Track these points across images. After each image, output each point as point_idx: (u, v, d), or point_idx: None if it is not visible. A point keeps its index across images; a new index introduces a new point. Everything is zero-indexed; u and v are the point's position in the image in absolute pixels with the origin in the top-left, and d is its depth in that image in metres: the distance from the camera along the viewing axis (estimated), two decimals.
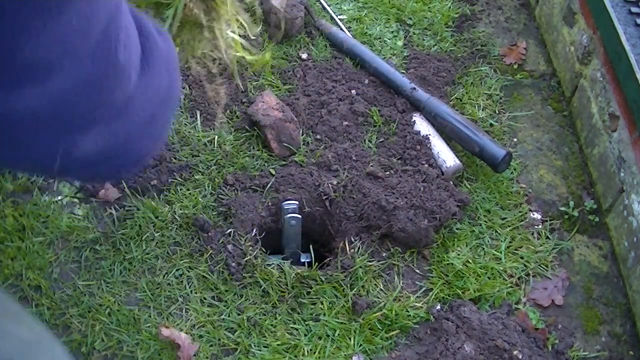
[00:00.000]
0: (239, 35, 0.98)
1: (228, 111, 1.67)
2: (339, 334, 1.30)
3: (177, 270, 1.37)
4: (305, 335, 1.29)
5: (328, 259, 1.49)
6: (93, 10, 0.54)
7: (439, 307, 1.36)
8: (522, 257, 1.47)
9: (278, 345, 1.27)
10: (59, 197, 1.47)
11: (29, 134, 0.57)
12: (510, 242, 1.49)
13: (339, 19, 1.99)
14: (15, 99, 0.53)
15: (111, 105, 0.60)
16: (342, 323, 1.32)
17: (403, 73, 1.78)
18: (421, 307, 1.36)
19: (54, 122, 0.57)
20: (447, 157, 1.58)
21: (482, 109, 1.78)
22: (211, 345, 1.27)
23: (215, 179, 1.52)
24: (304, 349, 1.26)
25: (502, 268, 1.43)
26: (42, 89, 0.54)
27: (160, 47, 0.65)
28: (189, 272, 1.37)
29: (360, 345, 1.29)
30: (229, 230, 1.42)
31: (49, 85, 0.54)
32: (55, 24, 0.51)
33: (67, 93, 0.55)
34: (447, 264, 1.43)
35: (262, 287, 1.35)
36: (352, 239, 1.45)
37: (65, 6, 0.51)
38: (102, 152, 0.61)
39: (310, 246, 1.52)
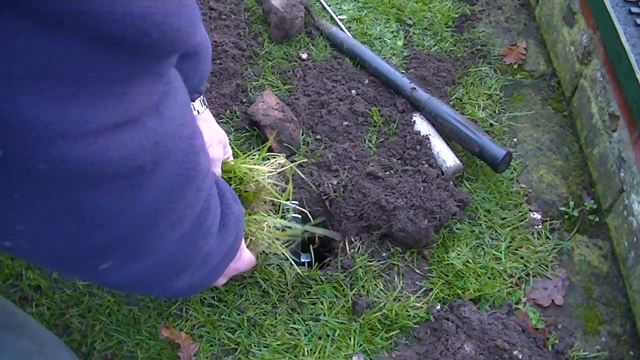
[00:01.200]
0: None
1: (228, 111, 1.67)
2: (339, 334, 1.30)
3: None
4: (305, 335, 1.29)
5: (328, 259, 1.49)
6: (201, 191, 0.67)
7: (439, 307, 1.36)
8: (522, 257, 1.47)
9: (278, 345, 1.27)
10: None
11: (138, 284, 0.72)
12: (510, 242, 1.49)
13: (339, 19, 1.99)
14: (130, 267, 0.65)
15: (198, 255, 0.74)
16: (342, 323, 1.32)
17: (403, 73, 1.78)
18: (421, 307, 1.36)
19: (157, 276, 0.70)
20: (447, 157, 1.58)
21: (482, 109, 1.78)
22: (211, 345, 1.27)
23: None
24: (304, 349, 1.26)
25: (502, 268, 1.43)
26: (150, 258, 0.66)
27: (234, 211, 0.82)
28: None
29: (360, 345, 1.29)
30: None
31: (157, 250, 0.66)
32: (177, 203, 0.63)
33: (170, 255, 0.68)
34: (447, 264, 1.43)
35: (262, 287, 1.35)
36: (352, 239, 1.45)
37: (186, 192, 0.64)
38: (187, 288, 0.77)
39: (310, 246, 1.52)
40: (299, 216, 1.45)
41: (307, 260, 1.50)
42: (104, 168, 0.49)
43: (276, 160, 1.19)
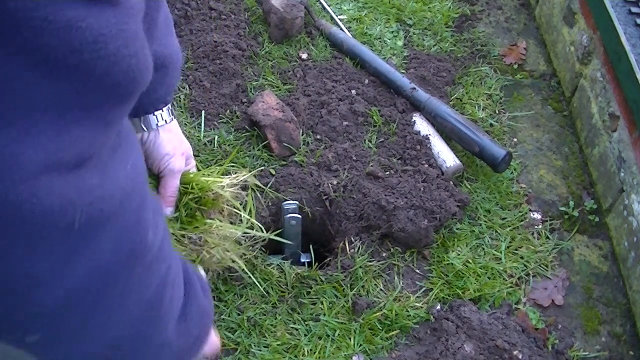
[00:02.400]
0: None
1: (228, 111, 1.67)
2: (339, 334, 1.30)
3: None
4: (305, 335, 1.29)
5: (328, 259, 1.49)
6: (151, 273, 0.58)
7: (439, 307, 1.36)
8: (522, 257, 1.47)
9: (278, 345, 1.27)
10: None
11: None
12: (510, 242, 1.49)
13: (339, 19, 1.99)
14: None
15: (148, 346, 0.63)
16: (342, 323, 1.32)
17: (403, 73, 1.78)
18: (421, 307, 1.36)
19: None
20: (447, 157, 1.58)
21: (482, 109, 1.78)
22: None
23: None
24: (304, 349, 1.26)
25: (502, 268, 1.43)
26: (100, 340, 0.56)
27: (201, 303, 0.69)
28: None
29: (360, 345, 1.29)
30: None
31: (98, 338, 0.56)
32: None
33: (114, 339, 0.57)
34: (447, 264, 1.43)
35: (262, 287, 1.35)
36: (352, 239, 1.45)
37: (130, 270, 0.55)
38: None
39: (310, 246, 1.52)
40: (299, 216, 1.45)
41: (307, 260, 1.50)
42: (32, 212, 0.42)
43: (237, 176, 1.17)
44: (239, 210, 1.15)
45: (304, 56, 1.86)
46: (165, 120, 1.03)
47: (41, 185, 0.42)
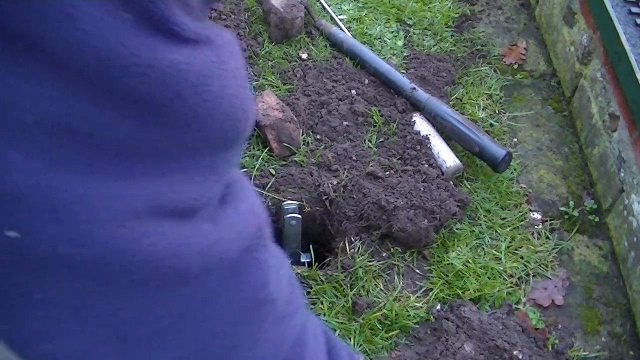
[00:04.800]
0: None
1: None
2: (339, 334, 1.30)
3: None
4: None
5: (328, 259, 1.49)
6: (284, 326, 0.51)
7: (439, 307, 1.36)
8: (522, 257, 1.47)
9: None
10: None
11: None
12: (510, 242, 1.49)
13: (339, 19, 1.99)
14: None
15: None
16: (342, 323, 1.32)
17: (403, 73, 1.78)
18: (421, 307, 1.36)
19: None
20: (447, 157, 1.58)
21: (482, 109, 1.78)
22: None
23: None
24: None
25: (502, 268, 1.43)
26: None
27: None
28: None
29: (360, 345, 1.29)
30: None
31: None
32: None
33: None
34: (447, 264, 1.43)
35: None
36: (352, 239, 1.45)
37: (255, 322, 0.49)
38: None
39: (310, 246, 1.52)
40: (299, 216, 1.45)
41: (307, 260, 1.50)
42: (137, 259, 0.39)
43: None
44: None
45: (304, 56, 1.86)
46: None
47: (153, 228, 0.40)
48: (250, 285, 0.48)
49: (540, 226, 1.54)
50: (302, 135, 1.63)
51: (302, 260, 1.52)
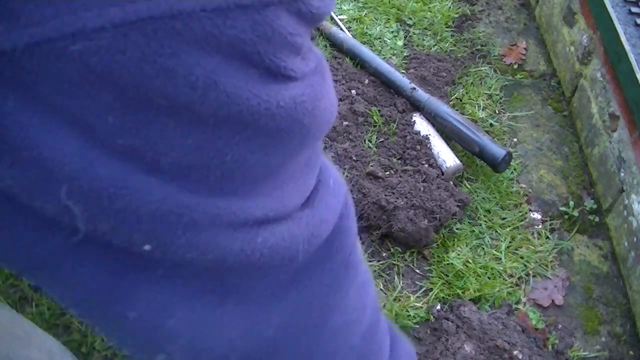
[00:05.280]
0: None
1: None
2: None
3: None
4: None
5: None
6: (364, 288, 0.59)
7: (439, 307, 1.36)
8: (522, 257, 1.47)
9: None
10: None
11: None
12: (510, 242, 1.49)
13: (339, 19, 1.99)
14: None
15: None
16: None
17: (403, 73, 1.78)
18: (421, 307, 1.36)
19: None
20: (447, 157, 1.58)
21: (482, 109, 1.78)
22: None
23: None
24: None
25: (502, 268, 1.43)
26: None
27: (404, 345, 0.69)
28: None
29: None
30: None
31: None
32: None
33: None
34: (447, 264, 1.43)
35: None
36: None
37: (348, 284, 0.57)
38: None
39: None
40: None
41: None
42: (251, 260, 0.47)
43: None
44: None
45: None
46: None
47: (264, 229, 0.46)
48: (340, 252, 0.56)
49: (540, 226, 1.54)
50: None
51: None
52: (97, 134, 0.37)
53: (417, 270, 1.43)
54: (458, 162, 1.58)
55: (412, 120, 1.68)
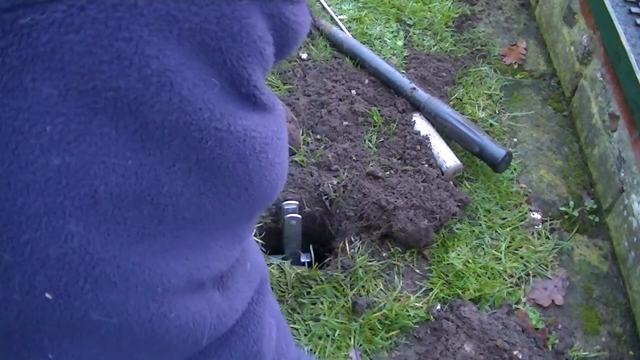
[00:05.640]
0: None
1: None
2: (339, 334, 1.29)
3: None
4: (305, 335, 1.29)
5: (328, 259, 1.49)
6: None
7: (439, 307, 1.36)
8: (522, 257, 1.47)
9: None
10: None
11: None
12: (510, 242, 1.49)
13: (339, 19, 1.99)
14: None
15: None
16: (342, 323, 1.32)
17: (403, 73, 1.78)
18: (421, 307, 1.36)
19: None
20: (447, 157, 1.58)
21: (482, 109, 1.78)
22: None
23: None
24: (304, 349, 1.26)
25: (502, 268, 1.43)
26: None
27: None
28: None
29: (361, 345, 1.29)
30: None
31: None
32: None
33: None
34: (447, 264, 1.43)
35: None
36: (352, 239, 1.45)
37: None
38: None
39: (310, 246, 1.52)
40: (299, 216, 1.45)
41: (307, 260, 1.50)
42: (156, 333, 0.42)
43: None
44: None
45: (304, 56, 1.86)
46: None
47: (179, 302, 0.41)
48: (243, 340, 0.51)
49: (540, 226, 1.54)
50: (302, 135, 1.63)
51: (302, 260, 1.52)
52: (28, 146, 0.32)
53: (417, 270, 1.43)
54: (458, 162, 1.58)
55: (412, 120, 1.68)
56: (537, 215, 1.56)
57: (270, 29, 0.38)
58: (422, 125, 1.66)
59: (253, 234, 0.98)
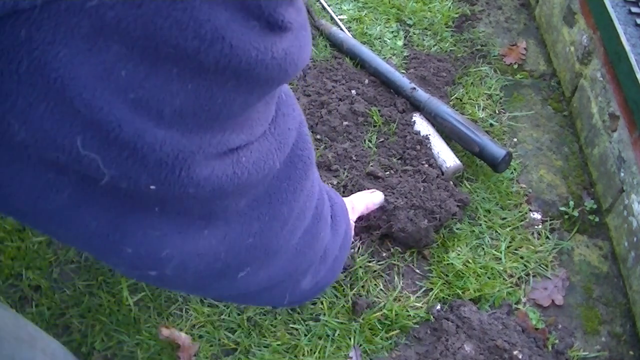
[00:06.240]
0: None
1: None
2: (339, 334, 1.30)
3: None
4: (305, 335, 1.29)
5: None
6: (314, 181, 0.71)
7: (439, 307, 1.36)
8: (522, 257, 1.47)
9: (278, 345, 1.27)
10: None
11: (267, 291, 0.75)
12: (510, 242, 1.49)
13: (339, 19, 1.99)
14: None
15: (320, 249, 0.77)
16: (342, 323, 1.32)
17: (403, 73, 1.78)
18: (421, 307, 1.36)
19: (287, 276, 0.73)
20: (447, 157, 1.58)
21: (482, 109, 1.78)
22: (211, 345, 1.27)
23: None
24: (304, 349, 1.26)
25: (502, 268, 1.43)
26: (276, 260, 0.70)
27: (337, 201, 0.85)
28: None
29: (361, 345, 1.29)
30: None
31: (291, 240, 0.71)
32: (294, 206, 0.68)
33: (297, 252, 0.71)
34: (447, 264, 1.43)
35: None
36: (352, 239, 1.45)
37: (305, 182, 0.68)
38: (313, 288, 0.80)
39: None
40: None
41: None
42: (242, 179, 0.53)
43: None
44: None
45: None
46: None
47: (244, 154, 0.54)
48: (302, 153, 0.68)
49: (540, 226, 1.54)
50: None
51: None
52: (111, 88, 0.40)
53: (417, 270, 1.43)
54: (458, 162, 1.58)
55: (412, 120, 1.67)
56: (537, 215, 1.56)
57: None
58: (422, 125, 1.66)
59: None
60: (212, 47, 0.42)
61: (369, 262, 1.41)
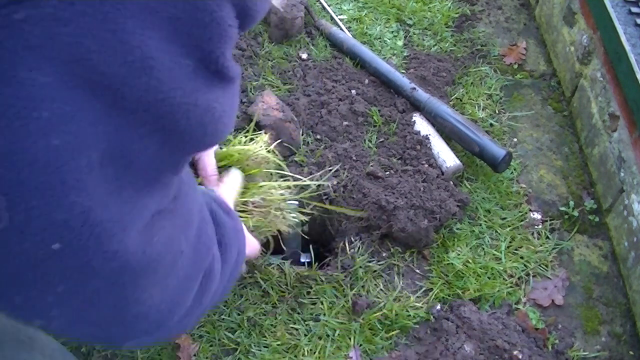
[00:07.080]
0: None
1: None
2: (339, 334, 1.29)
3: None
4: (305, 335, 1.29)
5: (328, 259, 1.49)
6: (189, 218, 0.64)
7: (439, 307, 1.36)
8: (522, 257, 1.47)
9: (278, 345, 1.27)
10: None
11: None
12: (510, 242, 1.49)
13: (339, 19, 1.99)
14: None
15: (204, 304, 0.68)
16: (342, 323, 1.32)
17: (403, 73, 1.78)
18: (421, 307, 1.36)
19: (169, 312, 0.64)
20: (447, 157, 1.58)
21: (482, 109, 1.78)
22: (211, 345, 1.27)
23: None
24: (304, 349, 1.26)
25: (502, 268, 1.43)
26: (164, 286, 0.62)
27: (228, 226, 0.75)
28: None
29: (361, 345, 1.29)
30: None
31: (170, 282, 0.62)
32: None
33: (181, 283, 0.63)
34: (447, 264, 1.43)
35: (262, 287, 1.35)
36: (352, 239, 1.45)
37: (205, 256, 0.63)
38: (189, 323, 0.70)
39: (310, 246, 1.52)
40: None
41: (307, 260, 1.50)
42: (153, 257, 0.48)
43: (261, 138, 1.24)
44: (284, 169, 1.26)
45: (304, 56, 1.86)
46: None
47: (152, 232, 0.49)
48: (207, 243, 0.63)
49: (540, 226, 1.54)
50: (302, 135, 1.63)
51: (302, 260, 1.52)
52: (28, 131, 0.36)
53: (417, 270, 1.43)
54: (458, 162, 1.58)
55: (412, 120, 1.67)
56: (537, 215, 1.56)
57: (236, 16, 0.44)
58: (422, 125, 1.66)
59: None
60: (139, 78, 0.38)
61: (369, 262, 1.41)
